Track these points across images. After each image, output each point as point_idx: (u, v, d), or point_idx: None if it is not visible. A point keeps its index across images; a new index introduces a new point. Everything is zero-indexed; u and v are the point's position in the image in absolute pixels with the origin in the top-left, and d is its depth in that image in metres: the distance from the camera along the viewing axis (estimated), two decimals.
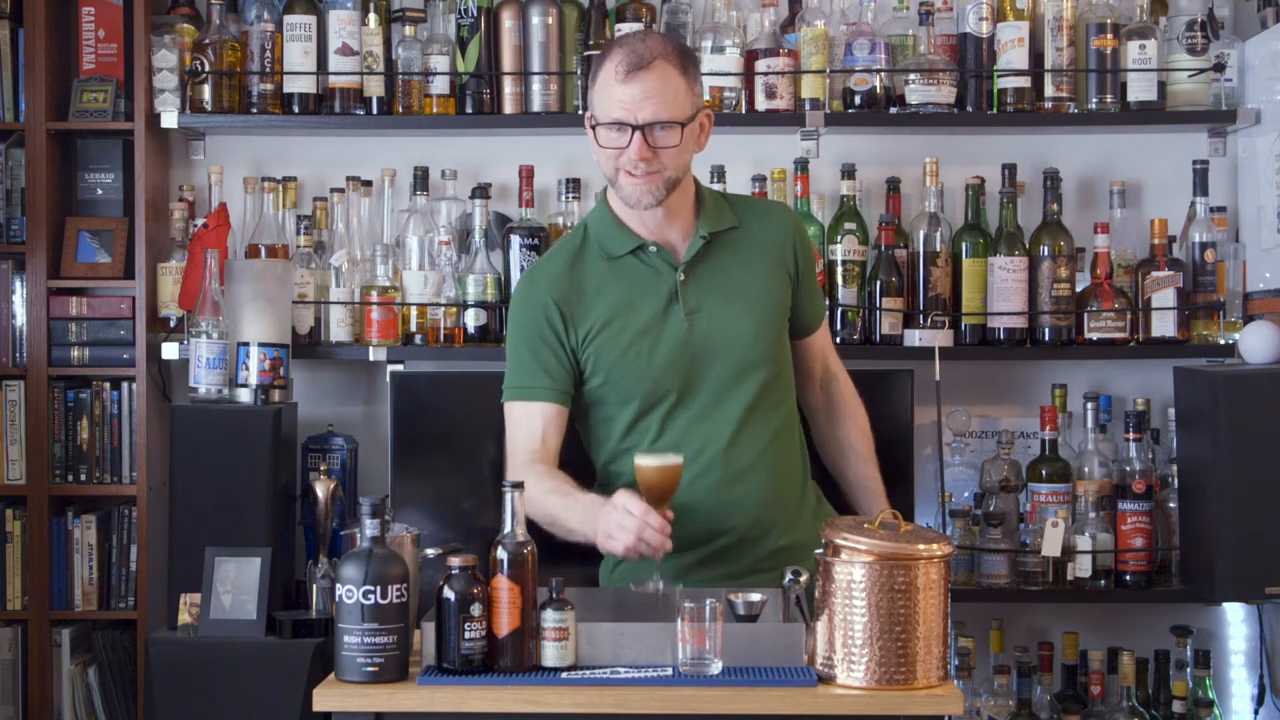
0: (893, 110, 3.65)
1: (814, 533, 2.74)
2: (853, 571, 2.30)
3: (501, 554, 2.32)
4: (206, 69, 3.65)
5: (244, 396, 3.45)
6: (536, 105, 3.68)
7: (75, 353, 3.68)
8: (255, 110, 3.68)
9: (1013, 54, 3.63)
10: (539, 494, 2.60)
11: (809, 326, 2.91)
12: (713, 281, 2.73)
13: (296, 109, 3.68)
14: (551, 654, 2.33)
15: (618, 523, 2.47)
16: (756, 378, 2.73)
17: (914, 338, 3.58)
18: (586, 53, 3.64)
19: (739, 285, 2.74)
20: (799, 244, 2.85)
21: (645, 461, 2.53)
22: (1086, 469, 3.60)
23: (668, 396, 2.71)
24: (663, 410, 2.72)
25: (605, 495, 2.58)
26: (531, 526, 2.39)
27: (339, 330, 3.63)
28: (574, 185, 3.64)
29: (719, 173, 3.64)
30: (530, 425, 2.72)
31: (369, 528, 2.34)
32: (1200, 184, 3.62)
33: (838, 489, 2.97)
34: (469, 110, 3.69)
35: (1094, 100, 3.63)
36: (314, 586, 3.02)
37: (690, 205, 2.77)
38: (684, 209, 2.75)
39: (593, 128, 2.67)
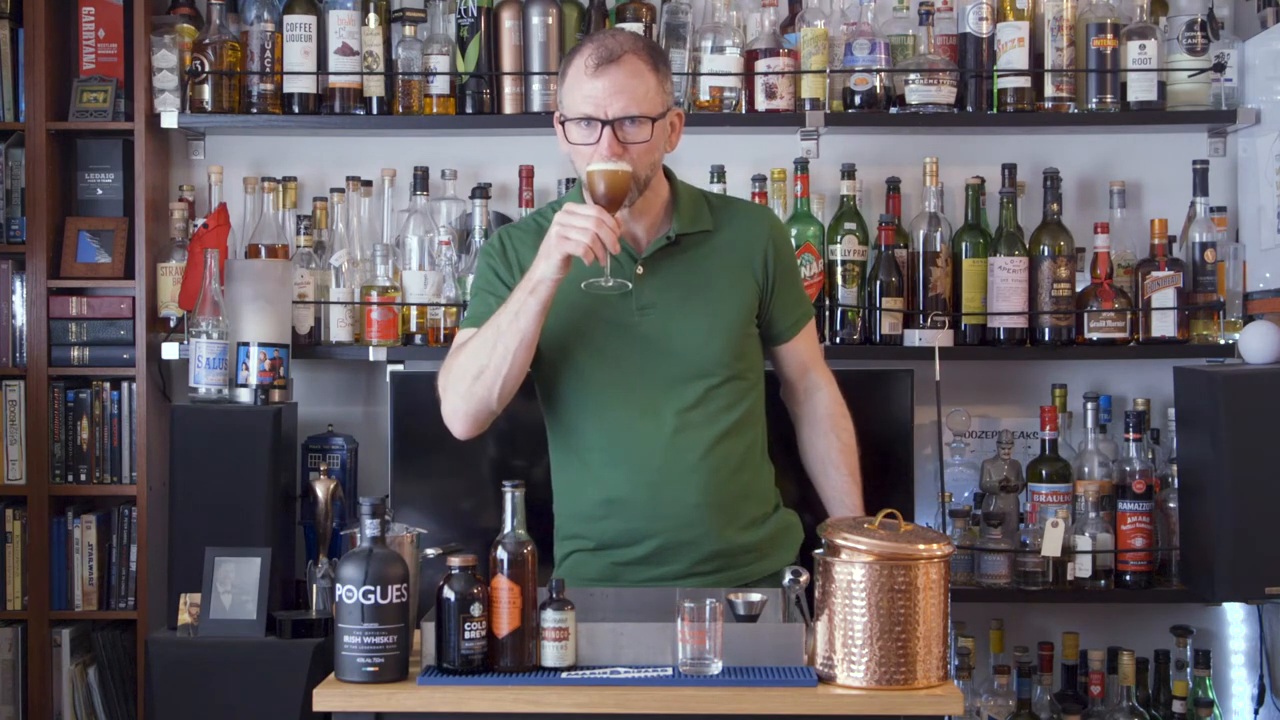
0: (893, 110, 3.65)
1: (760, 536, 2.75)
2: (853, 571, 2.29)
3: (501, 554, 2.32)
4: (206, 69, 3.65)
5: (244, 396, 3.45)
6: (536, 105, 3.67)
7: (75, 353, 3.68)
8: (255, 110, 3.68)
9: (1013, 54, 3.63)
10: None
11: (784, 334, 2.83)
12: (673, 281, 2.69)
13: (296, 109, 3.68)
14: (551, 654, 2.33)
15: (574, 225, 2.50)
16: (704, 381, 2.68)
17: (914, 338, 3.58)
18: None
19: (699, 287, 2.70)
20: (774, 250, 2.77)
21: (596, 167, 2.56)
22: (1086, 469, 3.60)
23: (608, 385, 2.69)
24: (604, 398, 2.69)
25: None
26: (530, 525, 2.38)
27: (339, 330, 3.63)
28: (573, 185, 3.63)
29: (719, 172, 3.64)
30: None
31: (369, 528, 2.34)
32: (1200, 184, 3.62)
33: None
34: (469, 110, 3.69)
35: (1094, 100, 3.63)
36: (314, 586, 3.02)
37: (660, 204, 2.73)
38: (652, 208, 2.71)
39: (562, 124, 2.65)
